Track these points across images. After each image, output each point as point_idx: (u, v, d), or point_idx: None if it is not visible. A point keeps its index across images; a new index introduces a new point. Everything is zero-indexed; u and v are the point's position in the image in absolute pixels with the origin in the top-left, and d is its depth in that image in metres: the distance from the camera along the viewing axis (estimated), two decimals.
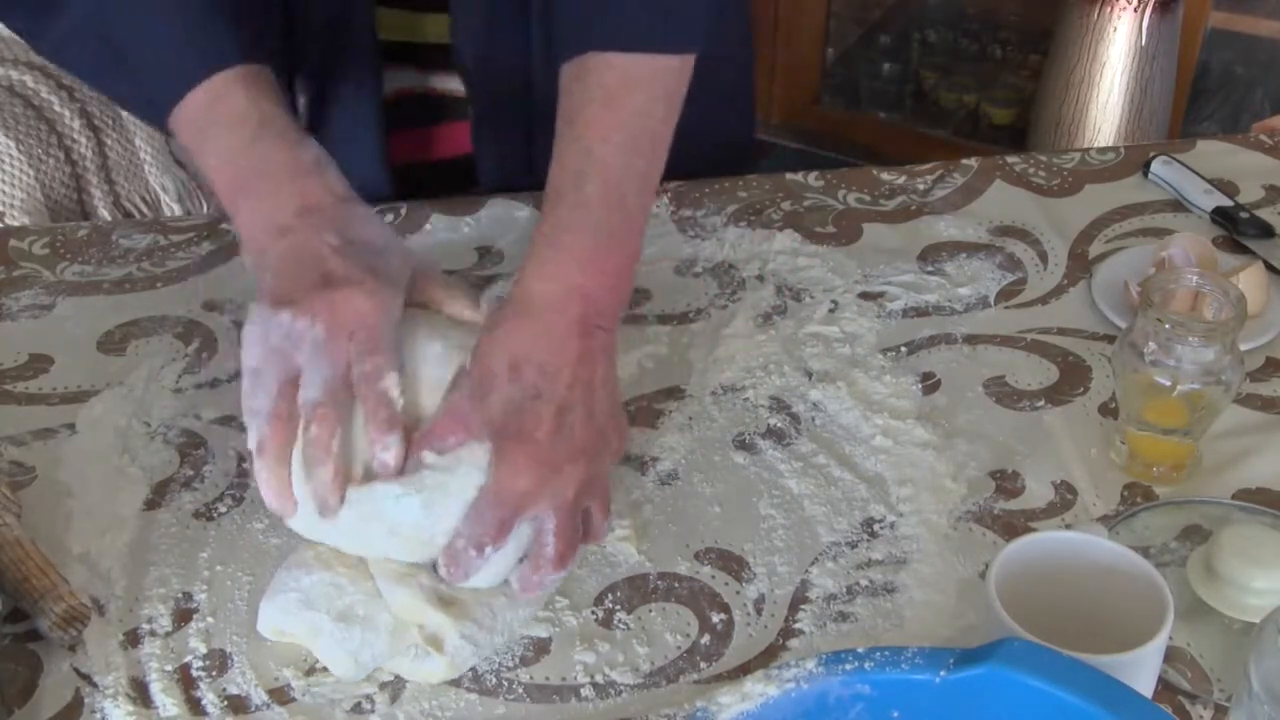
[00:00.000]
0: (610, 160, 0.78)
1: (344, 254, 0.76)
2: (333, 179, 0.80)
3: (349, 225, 0.78)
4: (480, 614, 0.75)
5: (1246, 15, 2.70)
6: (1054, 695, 0.59)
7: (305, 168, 0.79)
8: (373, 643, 0.74)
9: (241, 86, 0.81)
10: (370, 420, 0.73)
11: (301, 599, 0.75)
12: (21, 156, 1.88)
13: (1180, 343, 0.82)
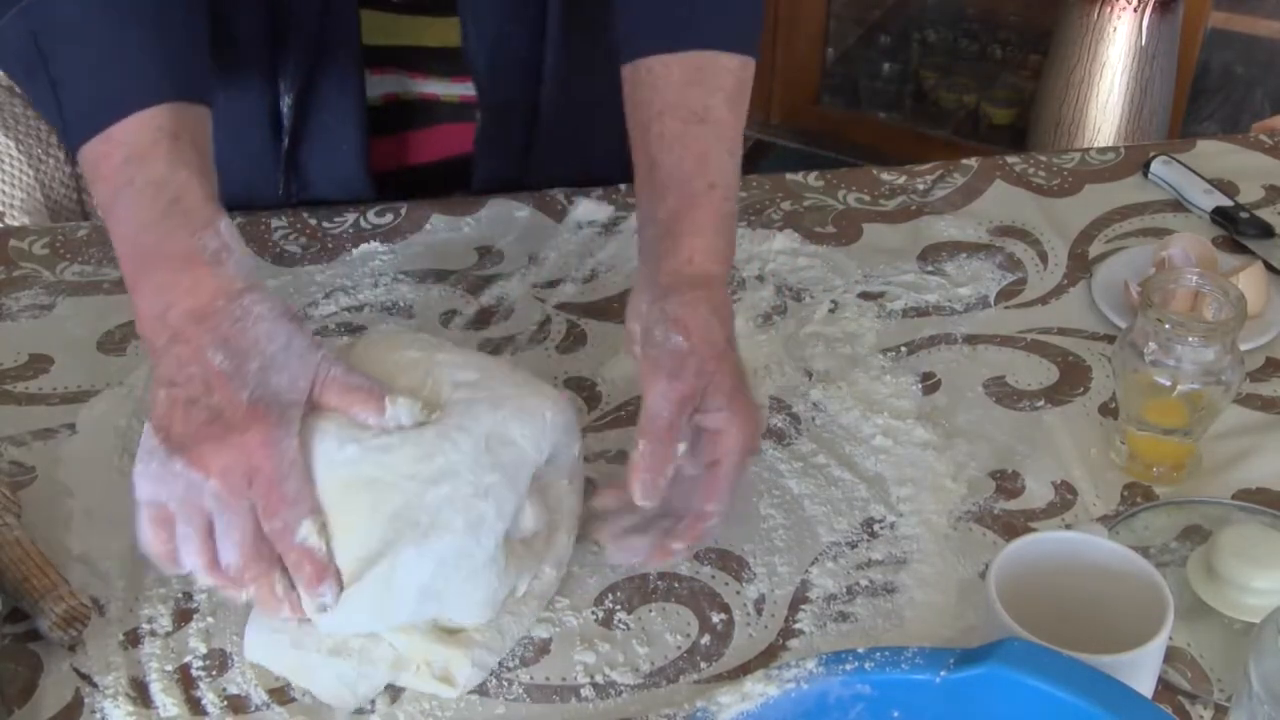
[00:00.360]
0: (735, 160, 0.85)
1: (231, 382, 0.70)
2: (232, 270, 0.73)
3: (240, 334, 0.71)
4: (488, 637, 0.74)
5: (1246, 15, 2.70)
6: (1054, 695, 0.59)
7: (204, 259, 0.72)
8: (370, 675, 0.73)
9: (165, 147, 0.74)
10: (296, 577, 0.70)
11: (290, 640, 0.73)
12: (21, 156, 1.88)
13: (1180, 343, 0.82)
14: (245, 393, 0.70)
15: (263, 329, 0.72)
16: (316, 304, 1.02)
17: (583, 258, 1.07)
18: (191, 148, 0.76)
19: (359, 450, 0.71)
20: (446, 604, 0.73)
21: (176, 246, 0.73)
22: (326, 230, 1.10)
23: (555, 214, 1.11)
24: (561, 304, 1.02)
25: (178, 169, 0.74)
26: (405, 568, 0.70)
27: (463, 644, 0.73)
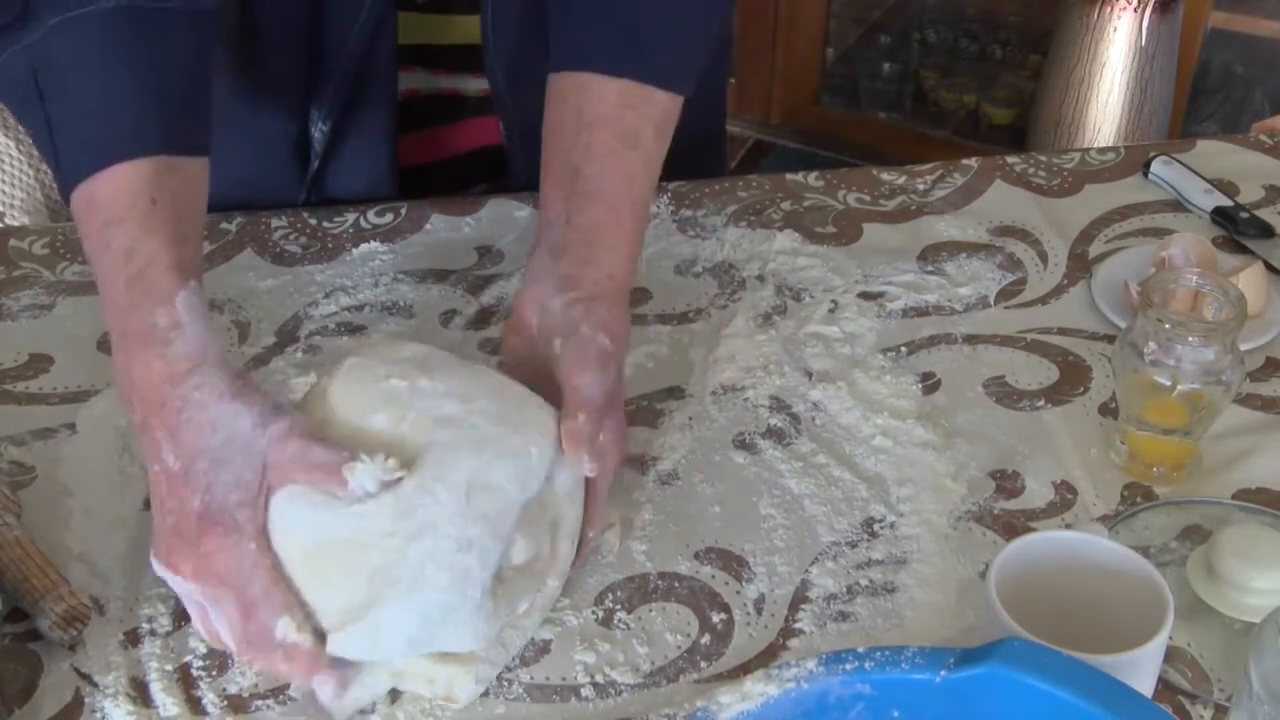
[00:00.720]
0: (653, 189, 0.88)
1: (184, 487, 0.70)
2: (178, 350, 0.71)
3: (186, 427, 0.70)
4: (490, 653, 0.74)
5: (1246, 15, 2.70)
6: (1054, 695, 0.59)
7: (154, 339, 0.72)
8: (372, 685, 0.72)
9: (140, 212, 0.74)
10: (289, 674, 0.71)
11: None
12: (21, 156, 1.88)
13: (1180, 343, 0.82)
14: (196, 499, 0.69)
15: (206, 417, 0.70)
16: (316, 304, 1.02)
17: None
18: (169, 210, 0.75)
19: (333, 513, 0.69)
20: (437, 645, 0.71)
21: (135, 324, 0.73)
22: (326, 230, 1.10)
23: None
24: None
25: (147, 238, 0.74)
26: (390, 622, 0.69)
27: (464, 663, 0.73)
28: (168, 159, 0.76)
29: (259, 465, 0.70)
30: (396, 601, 0.69)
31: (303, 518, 0.70)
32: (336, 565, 0.70)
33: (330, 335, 0.99)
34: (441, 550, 0.69)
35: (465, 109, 1.11)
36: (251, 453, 0.70)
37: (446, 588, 0.69)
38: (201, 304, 0.74)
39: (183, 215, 0.76)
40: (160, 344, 0.72)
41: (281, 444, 0.70)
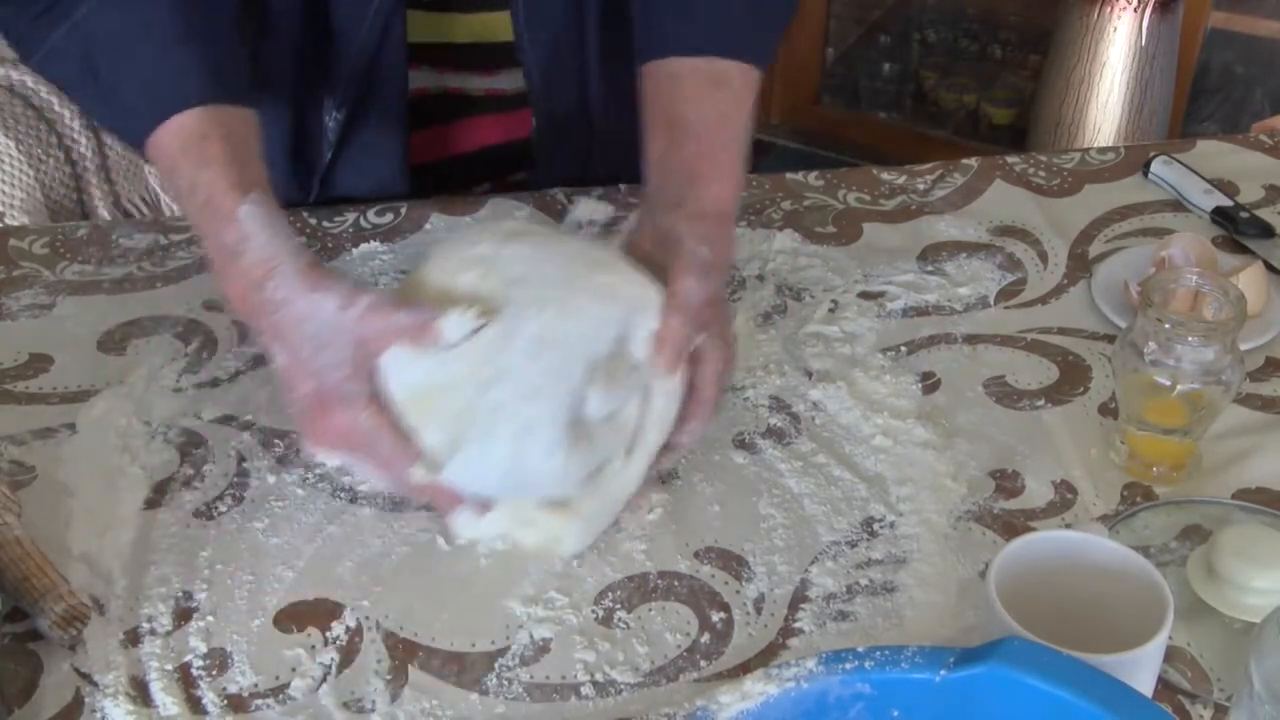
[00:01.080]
0: (748, 130, 0.94)
1: (297, 375, 0.78)
2: (249, 260, 0.78)
3: (281, 324, 0.77)
4: (593, 508, 0.81)
5: (1246, 15, 2.70)
6: (1054, 695, 0.59)
7: (229, 256, 0.79)
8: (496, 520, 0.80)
9: (193, 150, 0.81)
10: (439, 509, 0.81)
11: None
12: (21, 156, 1.88)
13: (1180, 343, 0.82)
14: (309, 384, 0.77)
15: (294, 313, 0.77)
16: None
17: None
18: (221, 142, 0.82)
19: (424, 365, 0.77)
20: (523, 488, 0.80)
21: (214, 248, 0.81)
22: (326, 230, 1.10)
23: (555, 214, 1.11)
24: None
25: (204, 169, 0.81)
26: (485, 458, 0.77)
27: (567, 515, 0.80)
28: (215, 106, 0.83)
29: (352, 341, 0.77)
30: (476, 443, 0.76)
31: (399, 373, 0.77)
32: (429, 411, 0.77)
33: None
34: (513, 397, 0.76)
35: (471, 108, 1.11)
36: (342, 332, 0.77)
37: (518, 432, 0.76)
38: (266, 213, 0.79)
39: (237, 143, 0.82)
40: (234, 259, 0.79)
41: (368, 318, 0.76)
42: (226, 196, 0.79)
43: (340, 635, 0.77)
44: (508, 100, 1.12)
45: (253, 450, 0.89)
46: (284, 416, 0.92)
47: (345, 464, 0.81)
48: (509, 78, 1.10)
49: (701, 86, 0.92)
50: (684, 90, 0.91)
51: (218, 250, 0.80)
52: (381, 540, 0.83)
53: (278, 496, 0.86)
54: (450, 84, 1.10)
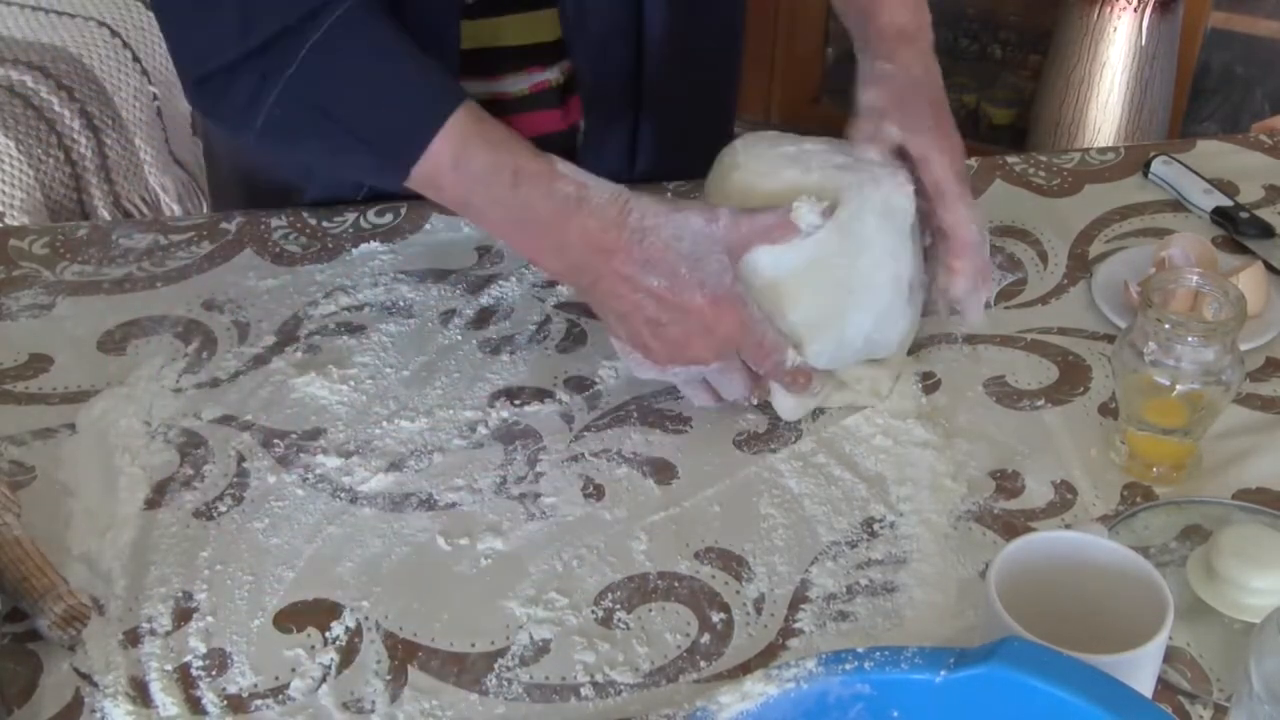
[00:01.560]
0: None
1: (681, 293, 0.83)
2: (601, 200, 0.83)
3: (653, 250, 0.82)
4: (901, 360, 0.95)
5: (1246, 15, 2.70)
6: (1054, 695, 0.59)
7: (574, 203, 0.83)
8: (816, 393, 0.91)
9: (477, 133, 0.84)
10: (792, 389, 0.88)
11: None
12: (21, 156, 1.88)
13: (1180, 343, 0.82)
14: (698, 294, 0.83)
15: (666, 235, 0.83)
16: (316, 303, 1.02)
17: None
18: (493, 125, 0.85)
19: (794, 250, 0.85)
20: (878, 347, 0.90)
21: (544, 207, 0.84)
22: (326, 230, 1.10)
23: None
24: (561, 304, 1.02)
25: (499, 150, 0.84)
26: (853, 325, 0.88)
27: (884, 365, 0.93)
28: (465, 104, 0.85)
29: (723, 249, 0.84)
30: (857, 307, 0.87)
31: (769, 264, 0.85)
32: (804, 287, 0.86)
33: (330, 335, 0.99)
34: (880, 260, 0.87)
35: (516, 108, 1.11)
36: (714, 241, 0.83)
37: (890, 289, 0.88)
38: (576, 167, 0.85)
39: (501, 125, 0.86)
40: (578, 206, 0.83)
41: (733, 225, 0.84)
42: (535, 160, 0.84)
43: (340, 635, 0.77)
44: (549, 95, 1.12)
45: (253, 450, 0.89)
46: (284, 416, 0.92)
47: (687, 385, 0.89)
48: (551, 73, 1.10)
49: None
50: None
51: (547, 212, 0.83)
52: (381, 540, 0.83)
53: (278, 496, 0.86)
54: (492, 89, 1.09)
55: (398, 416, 0.91)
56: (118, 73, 2.10)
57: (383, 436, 0.90)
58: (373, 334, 0.99)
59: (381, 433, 0.90)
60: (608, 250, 0.83)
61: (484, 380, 0.95)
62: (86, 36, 2.11)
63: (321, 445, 0.89)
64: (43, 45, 2.06)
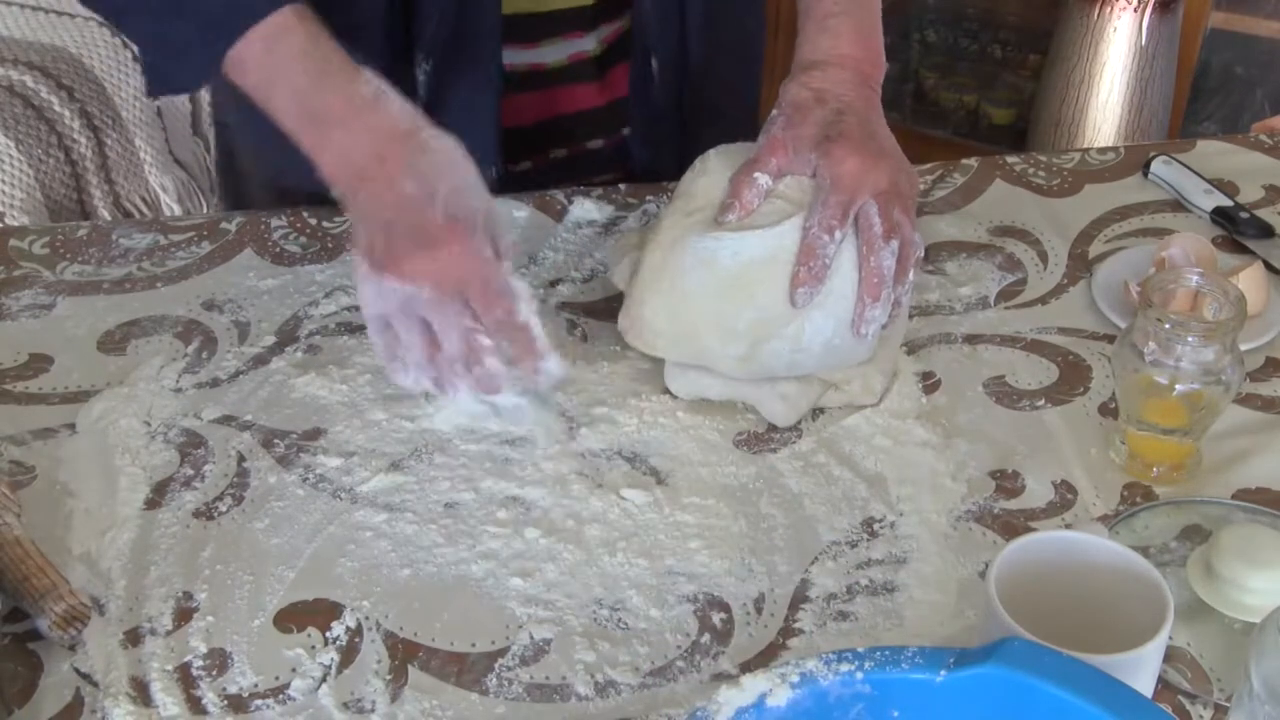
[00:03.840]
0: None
1: (425, 205, 0.81)
2: (395, 111, 0.83)
3: (426, 165, 0.82)
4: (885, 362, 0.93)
5: (1246, 15, 2.69)
6: (1054, 695, 0.59)
7: (368, 103, 0.83)
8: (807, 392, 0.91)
9: (299, 25, 0.83)
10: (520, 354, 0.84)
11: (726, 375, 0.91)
12: (21, 156, 1.88)
13: (1180, 343, 0.82)
14: (439, 211, 0.81)
15: (446, 158, 0.82)
16: (317, 303, 1.02)
17: (582, 257, 1.07)
18: (319, 30, 0.84)
19: (756, 237, 0.87)
20: (842, 353, 0.89)
21: (338, 102, 0.83)
22: (326, 230, 1.10)
23: (555, 214, 1.11)
24: (561, 304, 1.02)
25: (318, 42, 0.83)
26: (812, 328, 0.87)
27: (876, 364, 0.91)
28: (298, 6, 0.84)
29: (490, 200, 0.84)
30: (817, 308, 0.86)
31: (730, 254, 0.86)
32: (762, 283, 0.86)
33: (330, 335, 0.99)
34: (842, 267, 0.86)
35: (558, 79, 1.11)
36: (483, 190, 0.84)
37: (852, 297, 0.87)
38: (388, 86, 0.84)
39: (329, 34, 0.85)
40: (373, 107, 0.83)
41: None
42: (349, 63, 0.83)
43: (340, 635, 0.77)
44: (587, 67, 1.12)
45: (253, 450, 0.89)
46: (284, 416, 0.92)
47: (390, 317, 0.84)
48: (588, 42, 1.12)
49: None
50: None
51: (332, 106, 0.82)
52: (382, 540, 0.83)
53: (278, 496, 0.86)
54: (530, 59, 1.10)
55: (398, 416, 0.91)
56: (118, 73, 2.10)
57: (383, 436, 0.90)
58: None
59: (381, 433, 0.90)
60: (383, 157, 0.82)
61: None
62: (86, 36, 2.11)
63: (321, 445, 0.89)
64: (43, 45, 2.06)
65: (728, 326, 0.87)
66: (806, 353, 0.88)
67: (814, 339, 0.87)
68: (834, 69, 0.94)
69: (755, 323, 0.86)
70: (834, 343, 0.87)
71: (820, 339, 0.87)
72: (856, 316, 0.87)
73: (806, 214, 0.87)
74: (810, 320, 0.87)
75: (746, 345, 0.87)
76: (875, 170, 0.88)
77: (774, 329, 0.87)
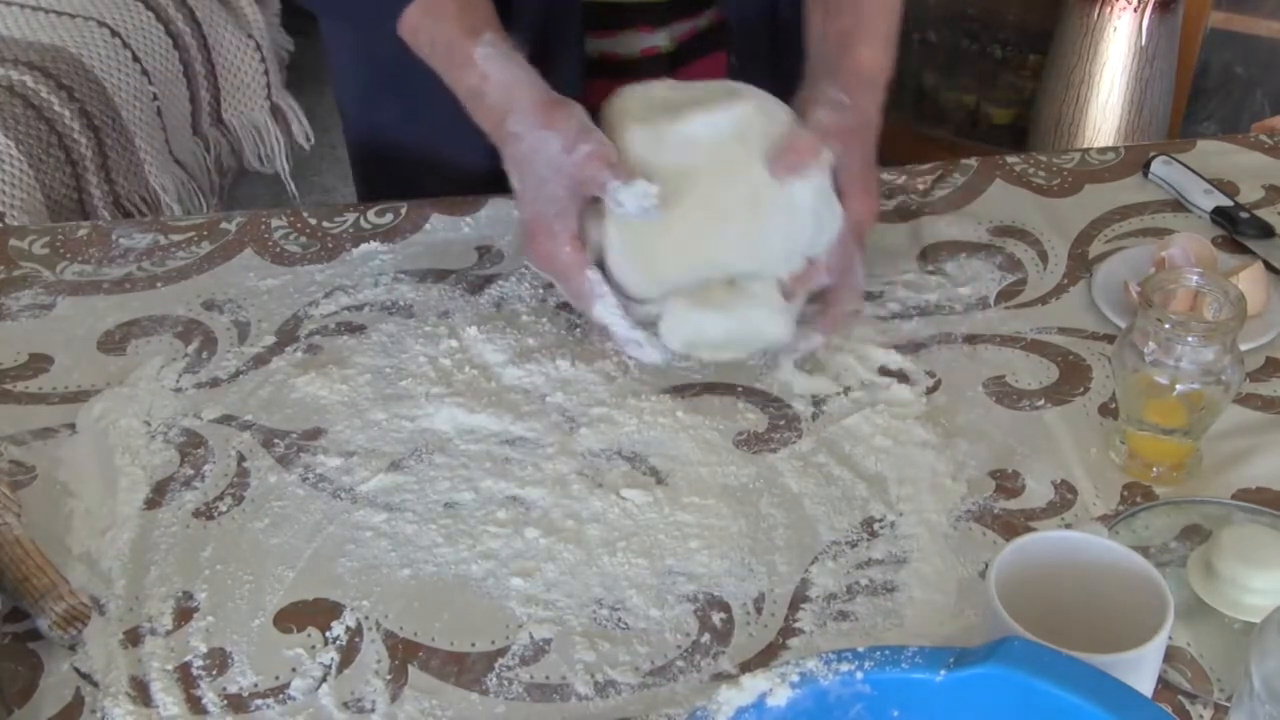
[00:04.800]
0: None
1: (520, 201, 0.89)
2: (491, 99, 0.88)
3: (517, 155, 0.87)
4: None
5: (1246, 15, 2.69)
6: (1054, 695, 0.59)
7: (472, 97, 0.89)
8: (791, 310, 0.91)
9: (428, 20, 0.90)
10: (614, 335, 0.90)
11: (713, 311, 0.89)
12: (21, 156, 1.88)
13: (1180, 343, 0.82)
14: (526, 211, 0.88)
15: (525, 147, 0.86)
16: (317, 303, 1.02)
17: None
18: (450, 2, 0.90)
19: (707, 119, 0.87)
20: (752, 334, 0.90)
21: (464, 94, 0.90)
22: (326, 230, 1.10)
23: None
24: (562, 304, 1.02)
25: (438, 24, 0.89)
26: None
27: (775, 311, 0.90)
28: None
29: (567, 182, 0.86)
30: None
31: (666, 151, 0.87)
32: (698, 181, 0.86)
33: (330, 335, 0.99)
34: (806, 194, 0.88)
35: (637, 70, 1.11)
36: (561, 172, 0.86)
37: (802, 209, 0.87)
38: (500, 52, 0.88)
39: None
40: (480, 100, 0.88)
41: (584, 163, 0.85)
42: (460, 43, 0.87)
43: (340, 635, 0.77)
44: (659, 63, 1.13)
45: (253, 450, 0.89)
46: (284, 416, 0.92)
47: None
48: (659, 38, 1.13)
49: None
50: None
51: (468, 96, 0.89)
52: (381, 540, 0.83)
53: (278, 496, 0.86)
54: (621, 50, 1.11)
55: (398, 416, 0.91)
56: (118, 73, 2.10)
57: (383, 436, 0.90)
58: (373, 334, 0.99)
59: (381, 433, 0.90)
60: (499, 144, 0.89)
61: (484, 380, 0.95)
62: (86, 36, 2.11)
63: (321, 445, 0.89)
64: (43, 45, 2.06)
65: (680, 239, 0.87)
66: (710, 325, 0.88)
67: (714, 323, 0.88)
68: (878, 90, 0.96)
69: (705, 220, 0.87)
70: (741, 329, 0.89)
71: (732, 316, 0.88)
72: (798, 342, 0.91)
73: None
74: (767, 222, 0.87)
75: (706, 248, 0.88)
76: (870, 211, 0.94)
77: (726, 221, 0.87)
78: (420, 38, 0.91)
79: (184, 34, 2.27)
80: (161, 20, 2.23)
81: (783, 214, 0.88)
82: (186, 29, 2.28)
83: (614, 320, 0.89)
